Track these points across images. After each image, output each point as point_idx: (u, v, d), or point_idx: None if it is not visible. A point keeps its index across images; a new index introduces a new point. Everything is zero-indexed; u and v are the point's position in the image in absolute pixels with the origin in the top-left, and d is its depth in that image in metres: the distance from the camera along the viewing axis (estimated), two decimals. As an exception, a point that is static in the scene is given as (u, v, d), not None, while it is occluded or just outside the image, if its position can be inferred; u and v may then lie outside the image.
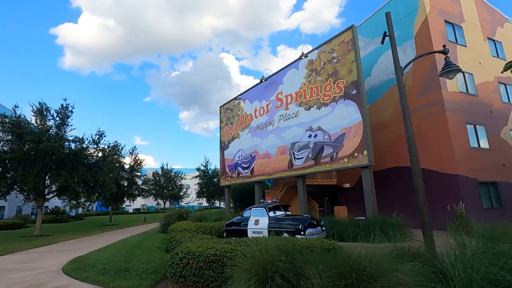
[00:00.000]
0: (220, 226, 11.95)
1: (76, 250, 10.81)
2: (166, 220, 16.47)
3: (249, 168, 18.87)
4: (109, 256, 8.51)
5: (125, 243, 12.03)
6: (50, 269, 7.20)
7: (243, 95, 20.39)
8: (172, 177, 40.03)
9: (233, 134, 21.18)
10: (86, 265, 7.24)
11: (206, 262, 5.23)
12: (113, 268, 6.70)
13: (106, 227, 23.94)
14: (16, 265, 7.98)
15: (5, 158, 16.13)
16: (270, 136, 17.37)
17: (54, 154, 16.73)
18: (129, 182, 29.35)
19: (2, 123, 16.49)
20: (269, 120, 17.59)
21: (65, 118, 18.50)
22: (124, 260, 7.60)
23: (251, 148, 18.93)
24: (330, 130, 13.55)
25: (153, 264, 7.01)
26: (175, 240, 8.66)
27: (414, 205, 12.51)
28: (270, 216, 9.36)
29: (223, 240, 7.40)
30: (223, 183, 21.80)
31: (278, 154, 16.57)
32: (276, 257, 4.22)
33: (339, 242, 6.79)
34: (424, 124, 13.14)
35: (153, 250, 9.48)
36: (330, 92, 13.84)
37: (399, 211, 10.59)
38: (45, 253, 10.33)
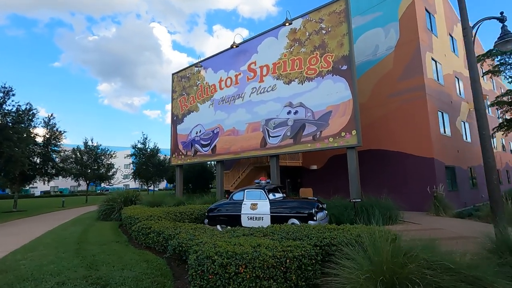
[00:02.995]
0: (193, 212, 9.90)
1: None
2: (108, 204, 13.28)
3: (210, 146, 16.73)
4: (53, 258, 5.75)
5: (59, 237, 8.88)
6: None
7: (205, 62, 17.77)
8: (98, 155, 34.17)
9: (189, 106, 18.46)
10: (21, 278, 4.52)
11: (264, 268, 3.47)
12: (79, 283, 4.24)
13: (11, 214, 18.63)
14: None
15: None
16: (239, 111, 15.50)
17: None
18: (43, 158, 23.46)
19: None
20: (238, 92, 15.66)
21: None
22: (86, 266, 5.09)
23: (213, 123, 16.73)
24: (314, 107, 12.55)
25: (138, 270, 4.79)
26: (155, 232, 6.40)
27: (394, 187, 13.04)
28: (271, 199, 7.84)
29: (235, 231, 5.60)
30: (175, 162, 19.06)
31: (248, 131, 14.92)
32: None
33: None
34: (403, 109, 13.32)
35: (114, 246, 6.95)
36: (315, 66, 12.74)
37: (380, 193, 10.42)
38: None
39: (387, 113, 14.08)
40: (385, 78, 14.31)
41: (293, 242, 4.05)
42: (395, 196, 10.18)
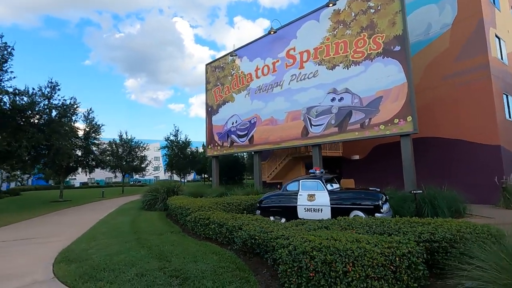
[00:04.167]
0: (240, 203, 9.65)
1: (45, 238, 7.57)
2: (152, 195, 13.45)
3: (247, 136, 16.42)
4: (118, 248, 5.69)
5: (112, 226, 9.02)
6: (35, 279, 4.24)
7: (240, 51, 17.35)
8: (132, 147, 35.29)
9: (224, 97, 18.22)
10: (97, 268, 4.43)
11: (374, 267, 3.02)
12: (157, 275, 4.06)
13: (58, 204, 19.59)
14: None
15: None
16: (277, 99, 15.00)
17: (-10, 107, 12.26)
18: (84, 151, 24.48)
19: None
20: (277, 80, 15.12)
21: (2, 62, 13.63)
22: (156, 257, 4.95)
23: (250, 113, 16.37)
24: (361, 93, 11.75)
25: (210, 262, 4.54)
26: (216, 223, 6.16)
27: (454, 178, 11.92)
28: (329, 189, 7.35)
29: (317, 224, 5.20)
30: (211, 153, 19.03)
31: (288, 120, 14.40)
32: None
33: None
34: (462, 92, 12.13)
35: (172, 236, 6.84)
36: (363, 49, 11.87)
37: (437, 185, 9.53)
38: (4, 244, 6.92)
39: (442, 96, 12.93)
40: (439, 59, 13.10)
41: (394, 238, 3.57)
42: (456, 188, 9.28)
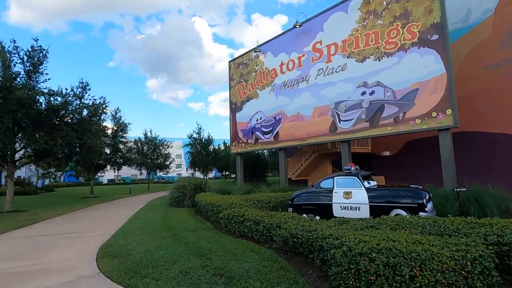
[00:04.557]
0: (270, 200, 9.48)
1: (83, 233, 7.80)
2: (179, 191, 13.61)
3: (272, 133, 16.21)
4: (156, 244, 5.71)
5: (145, 222, 9.16)
6: (80, 274, 4.30)
7: (264, 46, 17.12)
8: (156, 145, 36.17)
9: (248, 93, 18.10)
10: (140, 265, 4.43)
11: (444, 272, 2.74)
12: (201, 273, 3.98)
13: (89, 200, 20.41)
14: (11, 264, 4.94)
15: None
16: (303, 95, 14.66)
17: (30, 108, 12.81)
18: (112, 149, 25.32)
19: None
20: (302, 75, 14.77)
21: (38, 64, 14.21)
22: (195, 254, 4.89)
23: (274, 110, 16.14)
24: (395, 86, 11.18)
25: (251, 261, 4.41)
26: (251, 220, 6.03)
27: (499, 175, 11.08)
28: (366, 187, 7.00)
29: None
30: (235, 150, 19.02)
31: (314, 116, 14.04)
32: None
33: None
34: (505, 82, 11.26)
35: (206, 233, 6.80)
36: (396, 39, 11.27)
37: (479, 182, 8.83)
38: (39, 238, 7.19)
39: (483, 87, 12.06)
40: (480, 47, 12.21)
41: (460, 240, 3.25)
42: (499, 186, 8.59)
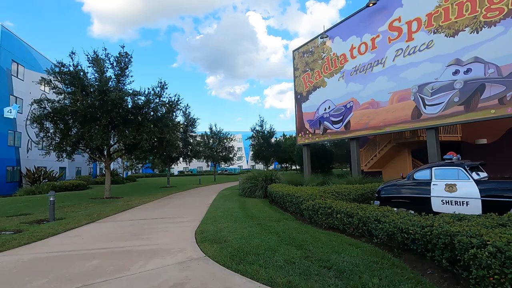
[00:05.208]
0: (349, 192, 8.97)
1: (174, 218, 8.50)
2: (251, 183, 13.94)
3: (343, 122, 15.40)
4: (247, 232, 5.85)
5: (225, 210, 9.56)
6: (190, 256, 4.63)
7: (331, 31, 16.25)
8: (221, 138, 37.96)
9: (314, 82, 17.49)
10: (241, 251, 4.56)
11: None
12: (306, 263, 3.89)
13: (167, 189, 22.45)
14: (127, 243, 5.60)
15: (69, 113, 14.16)
16: (378, 79, 13.50)
17: (121, 108, 14.53)
18: (184, 143, 27.39)
19: (61, 73, 14.19)
20: (377, 58, 13.58)
21: (124, 68, 15.92)
22: (291, 244, 4.85)
23: (345, 97, 15.27)
24: (499, 61, 9.43)
25: (356, 255, 4.15)
26: (342, 212, 5.74)
27: None
28: (475, 179, 6.04)
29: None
30: (301, 142, 18.69)
31: (393, 102, 12.82)
32: None
33: None
34: None
35: (290, 223, 6.75)
36: (501, 4, 9.44)
37: None
38: (140, 222, 8.09)
39: None
40: None
41: None
42: None
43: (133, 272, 3.92)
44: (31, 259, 4.74)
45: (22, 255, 4.99)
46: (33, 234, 6.48)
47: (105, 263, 4.35)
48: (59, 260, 4.63)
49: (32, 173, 20.97)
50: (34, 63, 23.64)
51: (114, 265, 4.25)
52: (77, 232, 7.02)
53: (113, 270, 4.02)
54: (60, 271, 4.07)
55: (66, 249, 5.30)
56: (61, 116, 14.41)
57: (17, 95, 21.19)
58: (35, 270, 4.17)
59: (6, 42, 20.08)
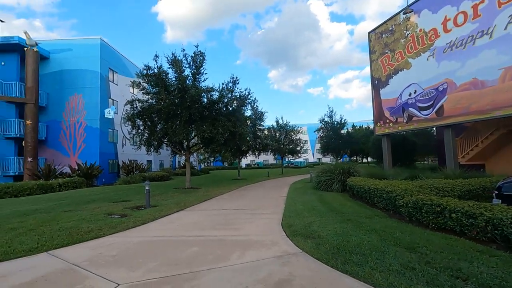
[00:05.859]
0: (452, 188, 7.63)
1: (255, 210, 8.52)
2: (326, 176, 13.28)
3: (433, 108, 13.40)
4: (339, 228, 5.40)
5: (304, 204, 9.21)
6: (285, 250, 4.44)
7: (416, 4, 14.21)
8: (288, 131, 37.62)
9: (396, 65, 15.63)
10: (344, 249, 4.15)
11: None
12: (431, 271, 3.28)
13: (239, 181, 23.23)
14: (218, 232, 5.72)
15: (155, 111, 15.63)
16: (483, 54, 11.24)
17: (199, 103, 15.41)
18: (253, 136, 27.92)
19: (147, 76, 15.73)
20: (481, 28, 11.30)
21: (199, 66, 16.77)
22: (397, 245, 4.23)
23: (436, 79, 13.23)
24: None
25: (492, 265, 3.32)
26: (459, 212, 4.80)
27: None
28: None
29: None
30: (380, 132, 17.07)
31: (505, 80, 10.52)
32: None
33: None
34: None
35: (384, 221, 6.01)
36: None
37: None
38: (223, 212, 8.34)
39: None
40: None
41: None
42: None
43: (233, 263, 3.89)
44: (140, 242, 5.20)
45: (131, 238, 5.52)
46: (136, 219, 7.21)
47: (205, 251, 4.45)
48: (163, 245, 4.96)
49: (127, 165, 24.17)
50: (125, 69, 27.04)
51: (213, 253, 4.32)
52: (170, 218, 7.57)
53: (213, 259, 4.07)
54: (167, 255, 4.31)
55: (166, 234, 5.69)
56: (148, 114, 16.03)
57: (114, 98, 24.58)
58: (145, 252, 4.52)
59: (104, 53, 23.37)
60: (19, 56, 21.11)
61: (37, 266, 4.02)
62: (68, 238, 5.40)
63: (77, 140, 22.08)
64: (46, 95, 22.24)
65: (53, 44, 23.07)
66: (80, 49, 22.92)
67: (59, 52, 22.92)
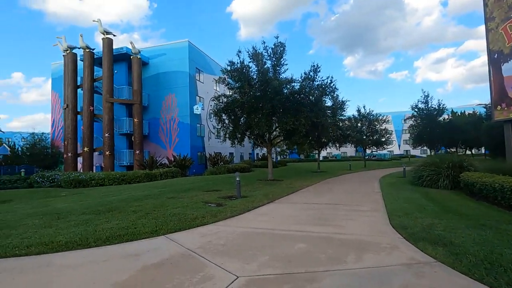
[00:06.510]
0: None
1: (350, 205, 7.82)
2: (431, 170, 11.45)
3: None
4: (480, 237, 4.38)
5: (407, 201, 8.03)
6: (411, 257, 3.78)
7: None
8: (372, 121, 34.41)
9: (527, 31, 12.31)
10: (492, 263, 3.27)
11: None
12: None
13: (320, 174, 22.39)
14: (319, 229, 5.35)
15: (239, 105, 16.13)
16: None
17: (280, 95, 15.25)
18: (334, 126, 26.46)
19: (231, 71, 16.31)
20: None
21: (279, 57, 16.52)
22: None
23: None
24: None
25: None
26: None
27: None
28: None
29: None
30: (501, 117, 13.85)
31: None
32: None
33: None
34: None
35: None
36: None
37: None
38: (315, 206, 7.92)
39: None
40: None
41: None
42: None
43: (352, 267, 3.46)
44: (243, 233, 5.24)
45: (234, 227, 5.63)
46: (232, 209, 7.44)
47: (313, 249, 4.14)
48: (267, 238, 4.86)
49: (213, 157, 26.08)
50: (209, 68, 29.02)
51: (324, 253, 3.97)
52: (263, 210, 7.57)
53: (327, 260, 3.71)
54: (275, 250, 4.16)
55: (266, 227, 5.62)
56: (232, 108, 16.67)
57: (200, 95, 26.70)
58: (251, 244, 4.48)
59: (192, 54, 25.50)
60: (127, 64, 24.79)
61: (160, 248, 4.39)
62: (179, 223, 5.85)
63: (172, 134, 24.83)
64: (147, 96, 25.59)
65: (151, 50, 26.28)
66: (172, 52, 25.52)
67: (155, 58, 26.01)
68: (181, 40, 25.71)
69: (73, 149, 22.41)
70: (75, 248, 4.47)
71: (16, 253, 4.22)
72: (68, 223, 6.07)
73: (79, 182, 16.37)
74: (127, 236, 4.98)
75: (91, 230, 5.32)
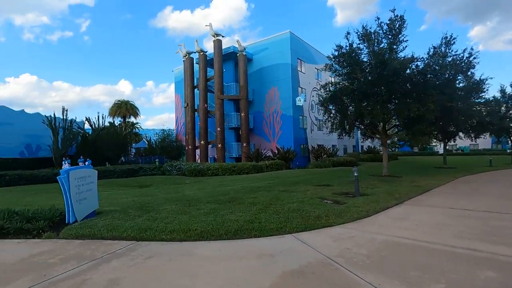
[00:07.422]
0: None
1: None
2: None
3: None
4: None
5: None
6: None
7: None
8: (525, 104, 26.22)
9: None
10: None
11: None
12: None
13: (447, 170, 18.38)
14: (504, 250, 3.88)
15: (349, 92, 14.64)
16: None
17: (400, 77, 12.99)
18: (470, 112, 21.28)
19: (339, 56, 14.88)
20: None
21: (397, 34, 14.02)
22: None
23: None
24: None
25: None
26: None
27: None
28: None
29: None
30: None
31: None
32: None
33: None
34: None
35: None
36: None
37: None
38: (465, 213, 6.09)
39: None
40: None
41: None
42: None
43: None
44: (385, 242, 4.30)
45: (370, 234, 4.74)
46: (357, 209, 6.49)
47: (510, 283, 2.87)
48: (422, 253, 3.79)
49: (315, 150, 25.24)
50: (310, 57, 28.03)
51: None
52: (396, 213, 6.34)
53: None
54: (447, 275, 3.09)
55: (412, 237, 4.49)
56: (340, 96, 15.27)
57: (302, 86, 26.10)
58: (406, 260, 3.53)
59: (293, 44, 25.09)
60: (233, 62, 26.45)
61: (293, 250, 3.97)
62: (303, 222, 5.37)
63: (275, 127, 25.20)
64: (252, 91, 26.72)
65: (253, 47, 27.21)
66: (273, 46, 25.71)
67: (258, 53, 26.80)
68: (282, 32, 25.58)
69: (192, 142, 25.60)
70: (209, 238, 4.54)
71: (162, 237, 4.57)
72: (198, 211, 6.48)
73: (198, 171, 18.44)
74: (254, 231, 4.81)
75: (220, 221, 5.42)
